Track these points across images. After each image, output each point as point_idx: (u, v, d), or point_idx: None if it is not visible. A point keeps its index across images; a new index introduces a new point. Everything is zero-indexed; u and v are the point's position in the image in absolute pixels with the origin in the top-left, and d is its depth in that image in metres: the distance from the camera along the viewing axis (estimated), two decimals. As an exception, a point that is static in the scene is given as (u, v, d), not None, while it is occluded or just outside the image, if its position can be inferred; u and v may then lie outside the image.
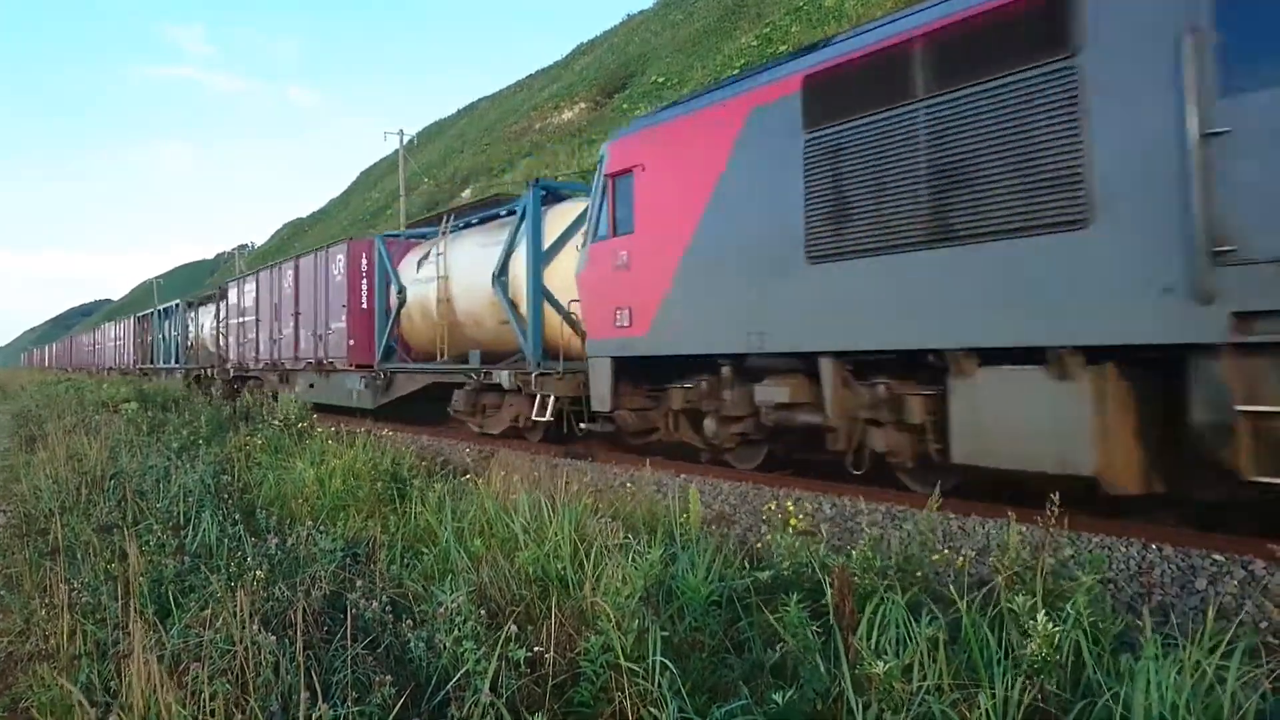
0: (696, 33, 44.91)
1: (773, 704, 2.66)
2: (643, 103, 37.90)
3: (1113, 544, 5.33)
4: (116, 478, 7.42)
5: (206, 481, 6.70)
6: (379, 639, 3.44)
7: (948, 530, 5.92)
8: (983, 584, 3.78)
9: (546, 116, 52.42)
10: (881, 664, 2.63)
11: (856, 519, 6.28)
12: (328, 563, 4.40)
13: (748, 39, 36.27)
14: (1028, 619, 2.82)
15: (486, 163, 49.34)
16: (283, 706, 2.92)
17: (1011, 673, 2.71)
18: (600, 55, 60.95)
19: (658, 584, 3.70)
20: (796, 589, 3.52)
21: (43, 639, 4.12)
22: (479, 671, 2.93)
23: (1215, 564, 4.88)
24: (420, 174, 54.53)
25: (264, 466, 7.82)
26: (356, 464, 7.13)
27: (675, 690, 2.89)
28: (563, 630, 3.38)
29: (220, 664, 3.13)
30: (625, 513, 5.75)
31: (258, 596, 3.69)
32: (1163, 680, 2.52)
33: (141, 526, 5.31)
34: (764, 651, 3.20)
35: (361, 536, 5.36)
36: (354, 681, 3.06)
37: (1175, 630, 3.02)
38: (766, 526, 6.04)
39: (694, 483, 7.81)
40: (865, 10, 26.35)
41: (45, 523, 6.11)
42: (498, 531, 4.90)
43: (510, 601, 3.93)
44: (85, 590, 4.24)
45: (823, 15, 31.71)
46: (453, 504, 5.39)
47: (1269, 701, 2.72)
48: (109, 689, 3.26)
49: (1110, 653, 2.95)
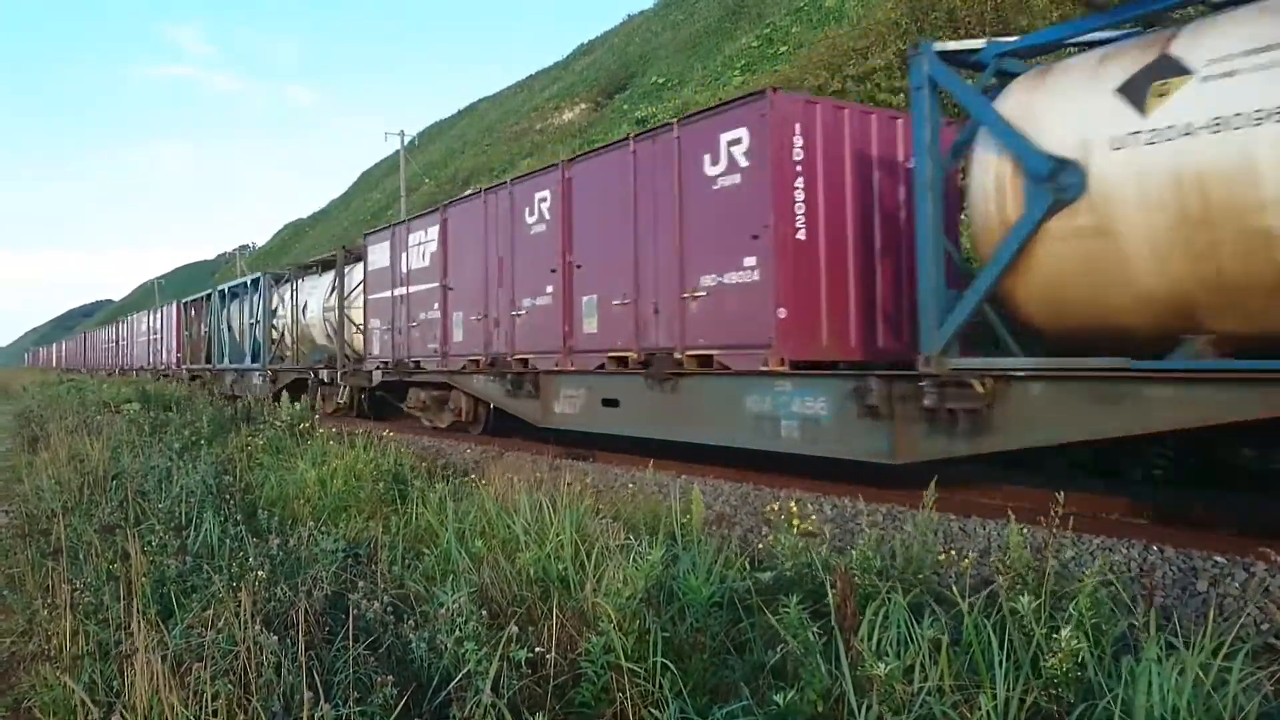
0: (697, 33, 44.90)
1: (773, 705, 2.66)
2: (643, 103, 37.88)
3: (1113, 545, 5.34)
4: (118, 478, 7.42)
5: (208, 482, 6.70)
6: (380, 639, 3.44)
7: (949, 531, 5.93)
8: (984, 585, 3.78)
9: (547, 117, 52.43)
10: (883, 665, 2.63)
11: (857, 519, 6.28)
12: (329, 563, 4.41)
13: (748, 39, 36.26)
14: (1037, 628, 2.81)
15: (487, 163, 49.33)
16: (285, 707, 2.92)
17: (1013, 674, 2.71)
18: (601, 56, 60.96)
19: (659, 585, 3.70)
20: (797, 590, 3.53)
21: (45, 639, 4.12)
22: (480, 672, 2.93)
23: (1217, 565, 4.88)
24: (421, 174, 54.56)
25: (266, 467, 7.82)
26: (358, 465, 7.14)
27: (676, 691, 2.89)
28: (564, 631, 3.38)
29: (222, 664, 3.13)
30: (626, 514, 5.75)
31: (259, 597, 3.69)
32: (1164, 682, 2.52)
33: (143, 527, 5.31)
34: (765, 652, 3.20)
35: (363, 537, 5.37)
36: (355, 682, 3.06)
37: (1177, 632, 3.02)
38: (767, 527, 6.04)
39: (696, 484, 7.82)
40: (866, 11, 26.32)
41: (47, 523, 6.11)
42: (499, 532, 4.90)
43: (511, 602, 3.93)
44: (87, 590, 4.23)
45: (823, 16, 31.68)
46: (454, 505, 5.39)
47: (1271, 704, 2.72)
48: (111, 689, 3.27)
49: (1111, 655, 2.95)
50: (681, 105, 30.05)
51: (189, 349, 27.91)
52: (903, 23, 20.71)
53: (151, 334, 34.09)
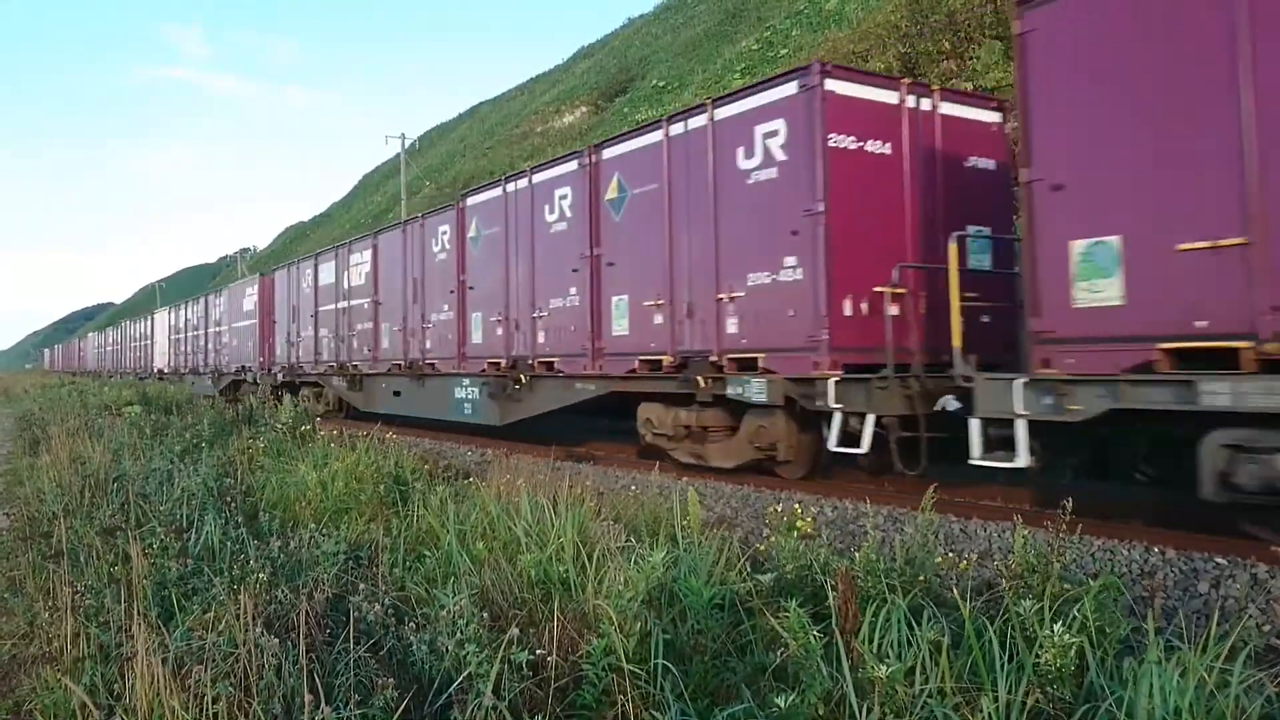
0: (697, 37, 44.96)
1: (775, 707, 2.65)
2: (643, 106, 37.89)
3: (1115, 547, 5.33)
4: (119, 481, 7.42)
5: (209, 484, 6.70)
6: (381, 642, 3.44)
7: (949, 533, 5.92)
8: (987, 587, 3.78)
9: (547, 120, 52.50)
10: (884, 667, 2.63)
11: (858, 521, 6.28)
12: (330, 565, 4.40)
13: (748, 43, 36.29)
14: (1038, 628, 2.81)
15: (488, 166, 49.37)
16: (285, 709, 2.92)
17: (1015, 676, 2.70)
18: (601, 59, 61.02)
19: (660, 587, 3.70)
20: (798, 592, 3.52)
21: (46, 642, 4.12)
22: (481, 674, 2.93)
23: (1218, 567, 4.87)
24: (422, 177, 54.60)
25: (266, 470, 7.82)
26: (359, 467, 7.14)
27: (677, 693, 2.89)
28: (565, 633, 3.38)
29: (223, 667, 3.13)
30: (628, 516, 5.74)
31: (260, 599, 3.69)
32: (1166, 684, 2.51)
33: (144, 529, 5.31)
34: (766, 654, 3.20)
35: (364, 539, 5.36)
36: (356, 684, 3.06)
37: (1180, 634, 3.01)
38: (768, 529, 6.03)
39: (695, 486, 7.81)
40: (866, 14, 26.34)
41: (49, 525, 6.11)
42: (500, 534, 4.90)
43: (513, 604, 3.92)
44: (88, 593, 4.23)
45: (823, 19, 31.72)
46: (455, 507, 5.39)
47: (1274, 706, 2.72)
48: (112, 692, 3.26)
49: (1113, 656, 2.94)
50: (681, 108, 30.09)
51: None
52: (903, 25, 20.73)
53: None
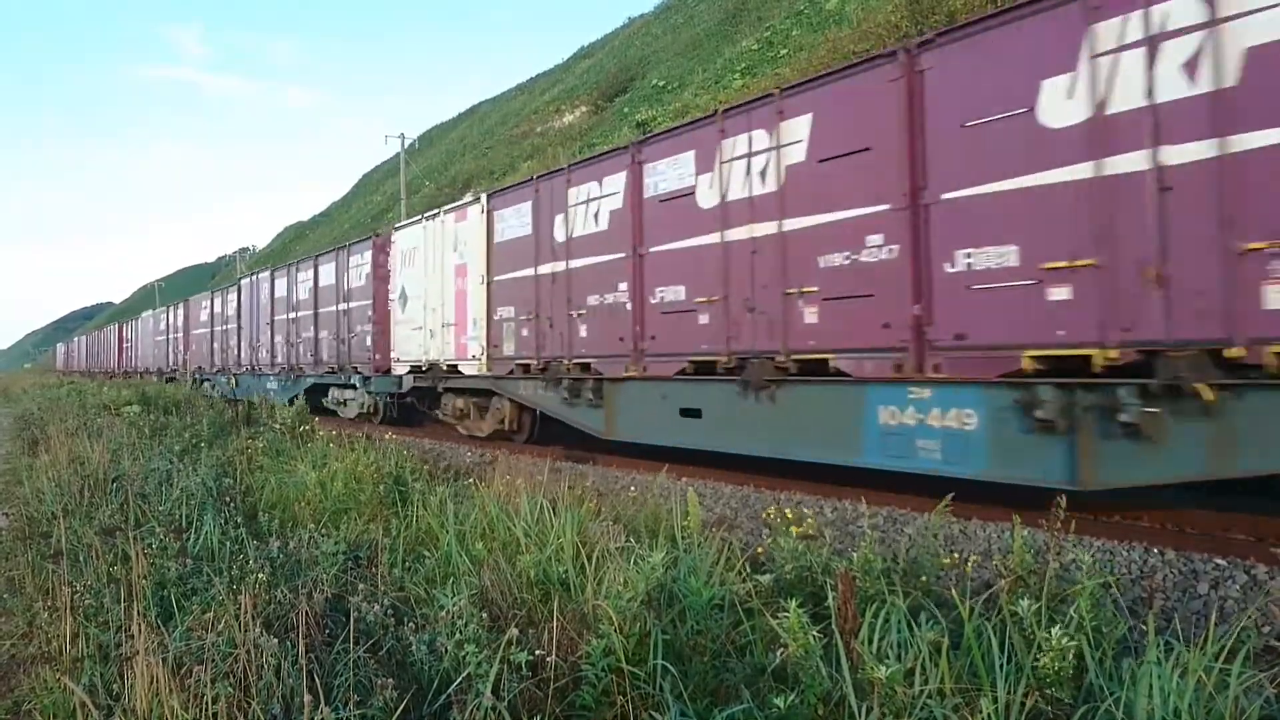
0: (697, 36, 44.97)
1: (774, 708, 2.66)
2: (643, 106, 37.91)
3: (1114, 548, 5.33)
4: (118, 481, 7.42)
5: (208, 484, 6.70)
6: (381, 642, 3.44)
7: (949, 534, 5.92)
8: (986, 588, 3.78)
9: (547, 120, 52.49)
10: (883, 668, 2.63)
11: (858, 522, 6.28)
12: (329, 566, 4.40)
13: (748, 43, 36.30)
14: (1038, 630, 2.81)
15: (488, 166, 49.38)
16: (285, 709, 2.92)
17: (1014, 677, 2.70)
18: (601, 59, 61.03)
19: (660, 587, 3.70)
20: (798, 593, 3.52)
21: (45, 642, 4.12)
22: (481, 675, 2.93)
23: (1218, 568, 4.88)
24: (422, 177, 54.60)
25: (266, 470, 7.82)
26: (358, 467, 7.13)
27: (677, 693, 2.89)
28: (564, 633, 3.38)
29: (223, 667, 3.13)
30: (628, 516, 5.74)
31: (260, 599, 3.69)
32: (1165, 685, 2.52)
33: (144, 529, 5.31)
34: (765, 655, 3.20)
35: (363, 539, 5.36)
36: (356, 685, 3.06)
37: (1178, 634, 3.01)
38: (768, 530, 6.04)
39: (696, 486, 7.81)
40: (866, 14, 26.34)
41: (48, 525, 6.11)
42: (499, 535, 4.90)
43: (512, 605, 3.92)
44: (88, 593, 4.23)
45: (823, 19, 31.73)
46: (454, 507, 5.39)
47: (1273, 707, 2.72)
48: (112, 692, 3.26)
49: (1113, 657, 2.95)
50: (682, 108, 30.05)
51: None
52: (903, 25, 20.73)
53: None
